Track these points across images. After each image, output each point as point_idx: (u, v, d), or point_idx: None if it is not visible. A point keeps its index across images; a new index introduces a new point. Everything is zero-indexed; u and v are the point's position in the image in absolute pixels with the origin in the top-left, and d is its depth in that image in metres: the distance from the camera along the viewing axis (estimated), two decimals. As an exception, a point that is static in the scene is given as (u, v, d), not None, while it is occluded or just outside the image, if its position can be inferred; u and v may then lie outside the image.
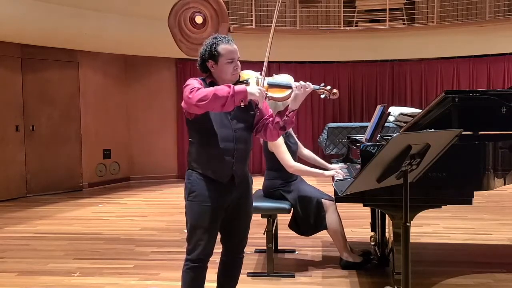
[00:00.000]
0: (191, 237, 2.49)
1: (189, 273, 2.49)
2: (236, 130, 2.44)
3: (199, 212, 2.46)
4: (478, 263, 3.85)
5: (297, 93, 2.42)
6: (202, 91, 2.26)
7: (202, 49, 2.46)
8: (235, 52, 2.43)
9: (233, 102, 2.24)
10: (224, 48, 2.41)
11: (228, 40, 2.45)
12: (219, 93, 2.22)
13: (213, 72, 2.46)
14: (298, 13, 9.22)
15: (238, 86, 2.27)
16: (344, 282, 3.48)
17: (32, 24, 6.62)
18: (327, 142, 8.46)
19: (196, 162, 2.49)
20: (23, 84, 7.44)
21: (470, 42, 8.90)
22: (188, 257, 2.49)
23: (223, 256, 2.67)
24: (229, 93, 2.22)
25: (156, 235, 4.97)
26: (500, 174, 2.99)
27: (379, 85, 9.77)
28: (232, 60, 2.42)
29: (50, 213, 6.20)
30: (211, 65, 2.44)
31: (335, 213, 3.65)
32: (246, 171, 2.58)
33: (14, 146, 7.33)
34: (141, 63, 8.86)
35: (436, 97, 3.16)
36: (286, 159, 3.59)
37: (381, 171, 2.06)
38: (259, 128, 2.55)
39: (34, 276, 3.77)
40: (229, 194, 2.49)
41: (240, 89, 2.26)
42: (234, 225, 2.58)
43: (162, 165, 9.10)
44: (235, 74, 2.45)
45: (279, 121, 2.46)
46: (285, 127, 2.46)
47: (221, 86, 2.28)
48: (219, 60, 2.41)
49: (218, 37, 2.45)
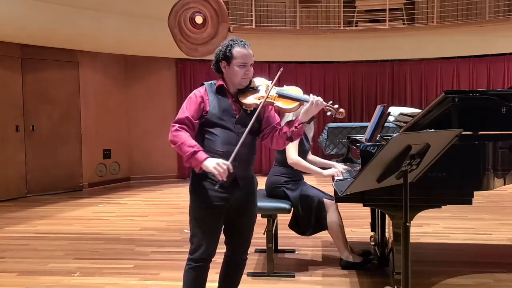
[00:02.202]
0: (194, 237, 2.50)
1: (191, 273, 2.50)
2: (240, 134, 2.42)
3: (201, 212, 2.47)
4: (478, 263, 3.85)
5: (309, 108, 2.40)
6: (175, 137, 2.38)
7: (218, 49, 2.49)
8: (249, 57, 2.45)
9: (189, 163, 2.35)
10: (239, 51, 2.43)
11: (244, 44, 2.47)
12: (182, 149, 2.35)
13: (225, 74, 2.49)
14: (298, 13, 9.21)
15: (199, 155, 2.31)
16: (344, 282, 3.48)
17: (32, 24, 6.62)
18: (327, 142, 8.46)
19: None
20: (23, 84, 7.44)
21: (470, 42, 8.89)
22: (190, 256, 2.50)
23: (226, 257, 2.67)
24: (187, 154, 2.33)
25: (156, 235, 4.97)
26: (500, 174, 2.99)
27: (379, 85, 9.77)
28: (245, 64, 2.43)
29: (50, 213, 6.21)
30: (223, 66, 2.47)
31: (336, 213, 3.65)
32: (249, 175, 2.58)
33: (14, 146, 7.33)
34: (141, 63, 8.86)
35: (436, 97, 3.16)
36: (290, 150, 3.63)
37: (381, 171, 2.06)
38: (265, 135, 2.56)
39: (34, 276, 3.77)
40: (232, 195, 2.48)
41: (198, 158, 2.31)
42: (237, 225, 2.58)
43: (162, 165, 9.10)
44: (245, 78, 2.46)
45: (286, 132, 2.46)
46: (292, 137, 2.47)
47: (188, 143, 2.34)
48: (231, 62, 2.43)
49: (235, 40, 2.48)
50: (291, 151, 3.63)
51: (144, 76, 8.98)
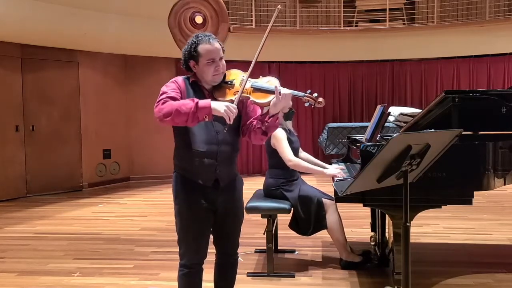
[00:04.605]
0: (181, 241, 2.46)
1: (184, 279, 2.46)
2: (219, 131, 2.35)
3: (186, 216, 2.42)
4: (478, 263, 3.85)
5: (276, 99, 2.27)
6: (167, 106, 2.18)
7: (184, 48, 2.38)
8: (216, 52, 2.31)
9: (196, 118, 2.16)
10: (204, 48, 2.30)
11: (209, 38, 2.32)
12: (182, 109, 2.15)
13: (196, 72, 2.38)
14: (298, 13, 9.21)
15: (202, 102, 2.17)
16: (344, 282, 3.48)
17: (32, 24, 6.61)
18: (327, 142, 8.46)
19: (180, 165, 2.43)
20: (23, 84, 7.44)
21: (470, 42, 8.89)
22: (181, 262, 2.45)
23: (218, 259, 2.62)
24: (191, 109, 2.14)
25: (156, 235, 4.97)
26: (500, 174, 2.99)
27: (379, 85, 9.77)
28: (213, 60, 2.30)
29: (50, 213, 6.20)
30: (192, 65, 2.35)
31: (335, 213, 3.65)
32: (232, 174, 2.48)
33: (14, 146, 7.33)
34: (141, 63, 8.86)
35: (436, 97, 3.16)
36: (286, 153, 3.60)
37: (381, 171, 2.06)
38: (245, 131, 2.43)
39: (34, 276, 3.77)
40: (215, 198, 2.41)
41: (204, 105, 2.15)
42: (224, 228, 2.51)
43: (162, 165, 9.07)
44: (216, 75, 2.34)
45: (260, 127, 2.34)
46: (267, 132, 2.34)
47: (185, 101, 2.19)
48: (199, 60, 2.31)
49: (199, 36, 2.34)
50: (287, 153, 3.60)
51: (144, 76, 8.98)
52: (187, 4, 7.43)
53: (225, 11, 7.76)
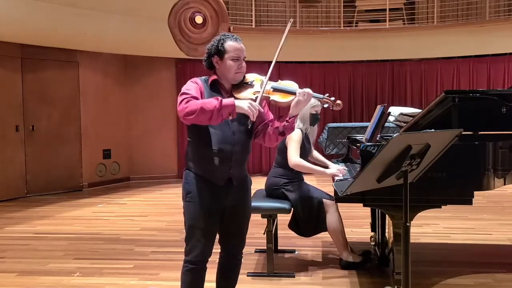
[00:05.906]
0: (189, 238, 2.48)
1: (188, 275, 2.48)
2: (236, 132, 2.41)
3: (195, 213, 2.44)
4: (478, 263, 3.85)
5: (299, 99, 2.36)
6: (191, 105, 2.22)
7: (210, 44, 2.46)
8: (241, 51, 2.42)
9: (220, 116, 2.21)
10: (231, 45, 2.40)
11: (236, 38, 2.45)
12: (206, 106, 2.19)
13: (217, 69, 2.44)
14: (298, 13, 9.20)
15: (226, 100, 2.23)
16: (344, 282, 3.48)
17: (32, 24, 6.61)
18: (327, 142, 8.45)
19: (193, 163, 2.47)
20: (23, 84, 7.44)
21: (470, 42, 8.89)
22: (186, 258, 2.48)
23: (221, 258, 2.65)
24: (215, 107, 2.18)
25: (156, 235, 4.97)
26: (500, 174, 2.99)
27: (379, 85, 9.77)
28: (238, 58, 2.40)
29: (50, 213, 6.20)
30: (216, 61, 2.42)
31: (336, 213, 3.65)
32: (244, 174, 2.55)
33: (14, 146, 7.33)
34: (141, 63, 8.86)
35: (436, 97, 3.16)
36: (292, 153, 3.61)
37: (381, 171, 2.06)
38: (258, 132, 2.51)
39: (34, 276, 3.77)
40: (226, 196, 2.46)
41: (228, 103, 2.21)
42: (231, 227, 2.55)
43: (162, 165, 9.10)
44: (238, 72, 2.42)
45: (278, 126, 2.41)
46: (284, 132, 2.42)
47: (209, 99, 2.24)
48: (224, 56, 2.40)
49: (226, 34, 2.46)
50: (292, 153, 3.61)
51: (144, 76, 8.98)
52: (187, 4, 7.43)
53: (225, 11, 7.76)
